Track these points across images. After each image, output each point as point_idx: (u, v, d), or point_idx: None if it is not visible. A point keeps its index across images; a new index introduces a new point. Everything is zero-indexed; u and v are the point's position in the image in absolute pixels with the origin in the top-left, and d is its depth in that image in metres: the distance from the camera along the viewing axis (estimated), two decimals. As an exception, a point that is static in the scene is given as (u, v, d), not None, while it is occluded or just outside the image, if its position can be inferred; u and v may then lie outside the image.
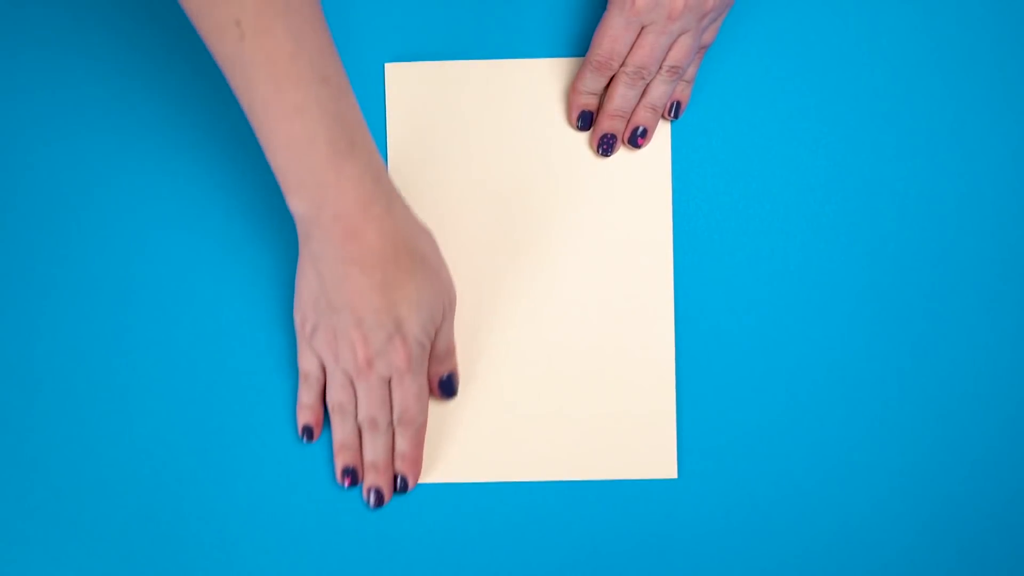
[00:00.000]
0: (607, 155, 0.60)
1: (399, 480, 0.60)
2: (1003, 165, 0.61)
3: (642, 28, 0.55)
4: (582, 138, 0.60)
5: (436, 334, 0.56)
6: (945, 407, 0.61)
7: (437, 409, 0.61)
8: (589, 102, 0.59)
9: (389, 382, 0.56)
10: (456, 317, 0.61)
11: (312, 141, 0.47)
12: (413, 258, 0.52)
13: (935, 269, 0.61)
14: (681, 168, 0.61)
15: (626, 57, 0.57)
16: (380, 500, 0.60)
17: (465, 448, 0.61)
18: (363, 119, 0.50)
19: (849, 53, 0.60)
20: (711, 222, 0.61)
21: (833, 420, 0.61)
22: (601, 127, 0.59)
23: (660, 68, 0.57)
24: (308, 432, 0.60)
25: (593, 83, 0.58)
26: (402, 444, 0.59)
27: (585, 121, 0.60)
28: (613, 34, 0.56)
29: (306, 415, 0.60)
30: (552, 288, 0.61)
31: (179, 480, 0.61)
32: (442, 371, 0.59)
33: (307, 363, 0.58)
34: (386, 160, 0.60)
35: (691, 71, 0.59)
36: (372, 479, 0.60)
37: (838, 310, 0.61)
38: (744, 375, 0.61)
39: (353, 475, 0.60)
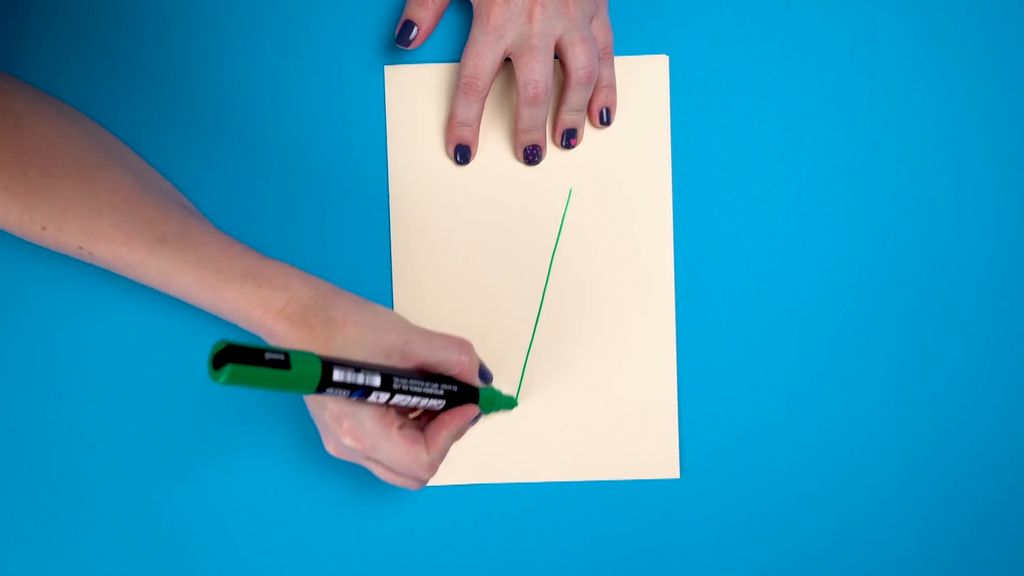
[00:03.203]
0: (534, 163, 0.60)
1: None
2: (1002, 165, 0.61)
3: (519, 50, 0.55)
4: (581, 138, 0.61)
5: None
6: (945, 407, 0.61)
7: (439, 410, 0.61)
8: (465, 135, 0.59)
9: None
10: (456, 318, 0.61)
11: (189, 287, 0.52)
12: (327, 318, 0.51)
13: (935, 269, 0.61)
14: (681, 168, 0.61)
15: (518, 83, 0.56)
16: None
17: (469, 450, 0.61)
18: (217, 236, 0.53)
19: (849, 53, 0.60)
20: (711, 222, 0.61)
21: (834, 420, 0.61)
22: (520, 142, 0.59)
23: (567, 80, 0.56)
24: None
25: (466, 110, 0.57)
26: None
27: (463, 155, 0.59)
28: (475, 52, 0.55)
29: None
30: (553, 289, 0.61)
31: (179, 480, 0.61)
32: None
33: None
34: (386, 160, 0.60)
35: (607, 74, 0.58)
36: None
37: (838, 310, 0.61)
38: (745, 375, 0.61)
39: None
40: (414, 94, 0.60)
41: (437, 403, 0.52)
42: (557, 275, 0.61)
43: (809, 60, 0.60)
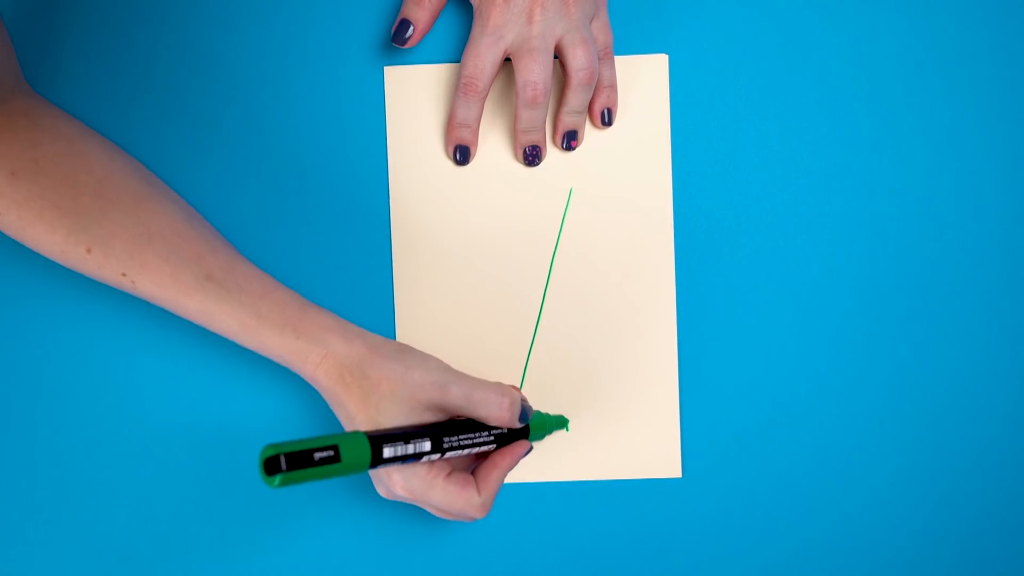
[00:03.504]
0: (534, 165, 0.60)
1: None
2: (1002, 165, 0.61)
3: (519, 50, 0.55)
4: (581, 138, 0.61)
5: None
6: (946, 407, 0.61)
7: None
8: (464, 135, 0.59)
9: None
10: (457, 319, 0.61)
11: (230, 328, 0.52)
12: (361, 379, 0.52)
13: (935, 269, 0.61)
14: (681, 168, 0.61)
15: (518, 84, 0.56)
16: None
17: (468, 450, 0.61)
18: (264, 280, 0.53)
19: (849, 53, 0.60)
20: (711, 222, 0.61)
21: (835, 419, 0.61)
22: (520, 143, 0.59)
23: (568, 81, 0.56)
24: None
25: (465, 110, 0.57)
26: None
27: (463, 156, 0.59)
28: (475, 52, 0.56)
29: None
30: (553, 289, 0.61)
31: (179, 481, 0.61)
32: None
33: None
34: (386, 160, 0.60)
35: (607, 75, 0.58)
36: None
37: (839, 309, 0.61)
38: (747, 375, 0.61)
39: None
40: (414, 94, 0.60)
41: (488, 447, 0.53)
42: (558, 275, 0.61)
43: (809, 60, 0.60)
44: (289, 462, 0.42)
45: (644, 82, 0.60)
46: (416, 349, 0.53)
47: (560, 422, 0.60)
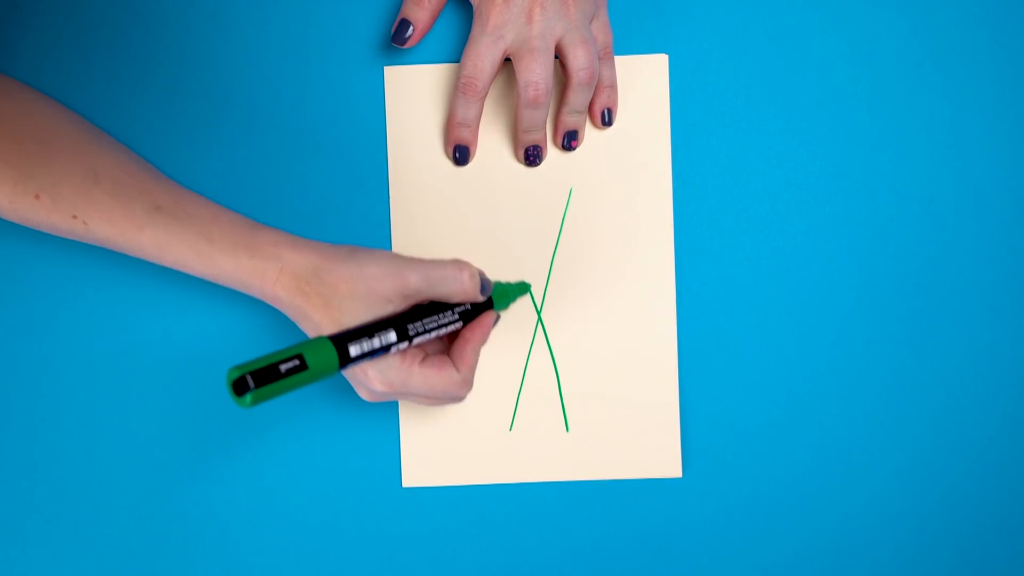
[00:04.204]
0: (535, 165, 0.60)
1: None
2: (1002, 165, 0.61)
3: (520, 51, 0.55)
4: (581, 138, 0.61)
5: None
6: (946, 406, 0.61)
7: (444, 413, 0.61)
8: (464, 135, 0.59)
9: None
10: (457, 319, 0.61)
11: (183, 257, 0.52)
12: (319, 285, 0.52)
13: (935, 268, 0.61)
14: (681, 168, 0.61)
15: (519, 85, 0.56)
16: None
17: (472, 451, 0.61)
18: (207, 206, 0.53)
19: (849, 53, 0.60)
20: (711, 222, 0.61)
21: (836, 418, 0.61)
22: (521, 142, 0.59)
23: (568, 81, 0.56)
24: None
25: (465, 110, 0.58)
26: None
27: (462, 155, 0.59)
28: (475, 52, 0.55)
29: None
30: (553, 289, 0.61)
31: (179, 480, 0.61)
32: None
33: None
34: (386, 160, 0.60)
35: (607, 75, 0.58)
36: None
37: (839, 309, 0.61)
38: (747, 374, 0.61)
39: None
40: (414, 94, 0.60)
41: (456, 326, 0.53)
42: (557, 275, 0.61)
43: (809, 60, 0.60)
44: (256, 379, 0.42)
45: (644, 82, 0.60)
46: (367, 248, 0.53)
47: (522, 287, 0.60)
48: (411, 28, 0.57)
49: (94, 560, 0.61)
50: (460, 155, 0.59)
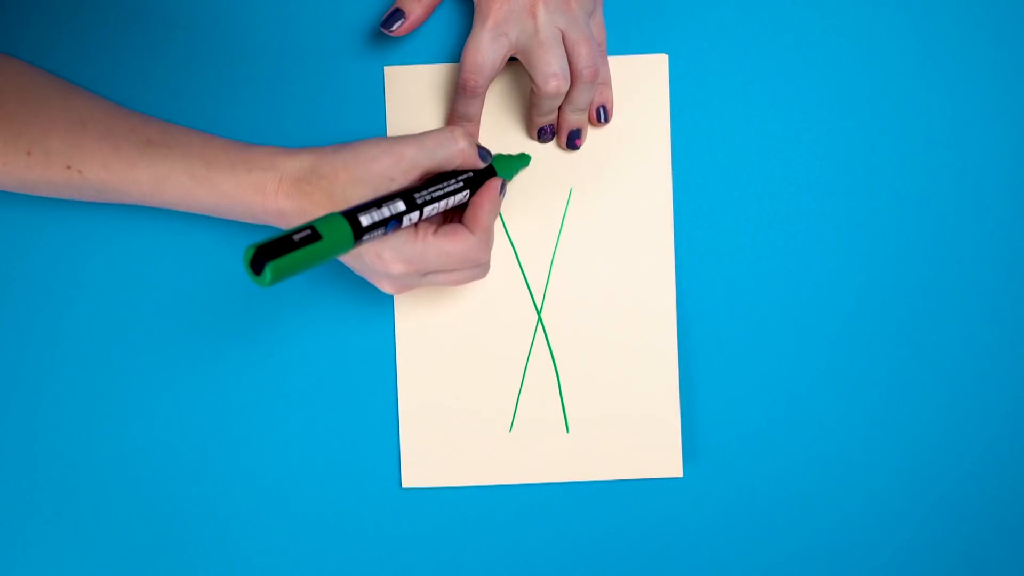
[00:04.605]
0: (548, 141, 0.60)
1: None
2: (1002, 165, 0.61)
3: (529, 46, 0.55)
4: (581, 138, 0.61)
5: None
6: (946, 406, 0.61)
7: (444, 413, 0.61)
8: (466, 128, 0.59)
9: None
10: (458, 320, 0.61)
11: (183, 186, 0.52)
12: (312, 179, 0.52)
13: (935, 268, 0.61)
14: (681, 168, 0.61)
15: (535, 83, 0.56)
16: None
17: (472, 451, 0.61)
18: (203, 139, 0.53)
19: (849, 53, 0.60)
20: (711, 222, 0.61)
21: (836, 418, 0.61)
22: (536, 124, 0.59)
23: (572, 79, 0.56)
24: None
25: (465, 107, 0.58)
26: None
27: None
28: (475, 48, 0.55)
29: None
30: (553, 288, 0.61)
31: (179, 480, 0.61)
32: None
33: None
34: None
35: (603, 71, 0.58)
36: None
37: (839, 309, 0.61)
38: (747, 374, 0.61)
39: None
40: (414, 94, 0.60)
41: (463, 195, 0.53)
42: (557, 275, 0.61)
43: (809, 60, 0.60)
44: (271, 251, 0.42)
45: (644, 82, 0.60)
46: (357, 140, 0.53)
47: (523, 158, 0.59)
48: (402, 19, 0.57)
49: (93, 560, 0.61)
50: None
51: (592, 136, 0.60)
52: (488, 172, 0.55)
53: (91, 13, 0.60)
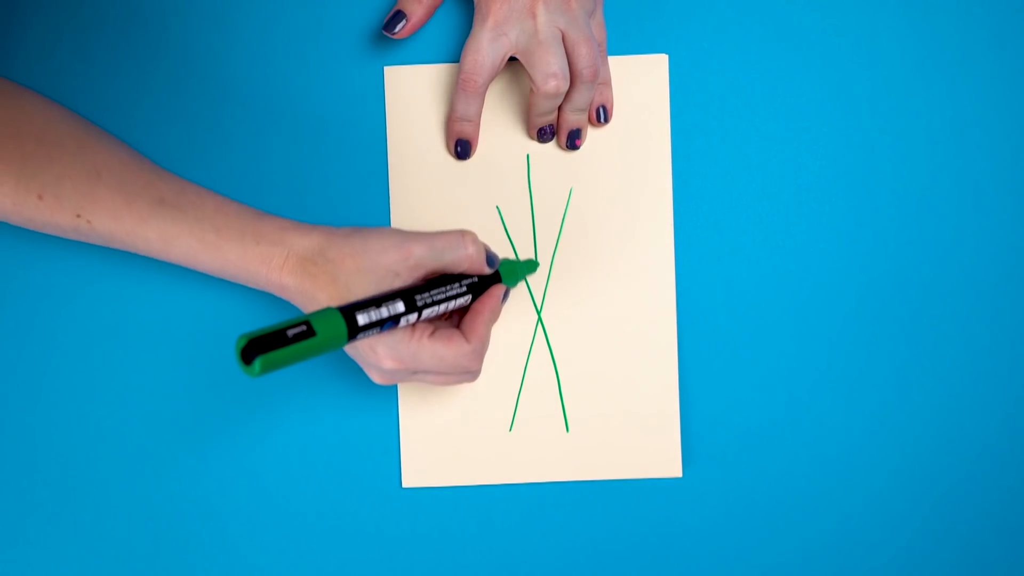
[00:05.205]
0: (548, 141, 0.60)
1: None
2: (1002, 165, 0.61)
3: (529, 46, 0.55)
4: (581, 138, 0.61)
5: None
6: (946, 406, 0.61)
7: (444, 413, 0.61)
8: (465, 130, 0.59)
9: None
10: (457, 319, 0.61)
11: (191, 249, 0.52)
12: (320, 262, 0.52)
13: (935, 268, 0.61)
14: (681, 168, 0.61)
15: (536, 81, 0.55)
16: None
17: (472, 451, 0.61)
18: (213, 199, 0.53)
19: (849, 53, 0.60)
20: (711, 222, 0.61)
21: (836, 418, 0.61)
22: (535, 125, 0.59)
23: (572, 79, 0.56)
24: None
25: (465, 106, 0.58)
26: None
27: (464, 149, 0.59)
28: (475, 48, 0.55)
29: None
30: (553, 289, 0.61)
31: (179, 480, 0.61)
32: None
33: None
34: (386, 160, 0.60)
35: (603, 71, 0.58)
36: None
37: (839, 309, 0.61)
38: (747, 374, 0.61)
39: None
40: (414, 94, 0.60)
41: (464, 299, 0.53)
42: (557, 275, 0.61)
43: (809, 60, 0.60)
44: (264, 344, 0.42)
45: (644, 82, 0.60)
46: (371, 227, 0.53)
47: (530, 265, 0.59)
48: (404, 21, 0.57)
49: (92, 559, 0.61)
50: (461, 149, 0.59)
51: (592, 136, 0.60)
52: (493, 277, 0.55)
53: (91, 13, 0.60)
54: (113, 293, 0.61)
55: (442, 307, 0.51)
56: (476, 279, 0.54)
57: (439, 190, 0.60)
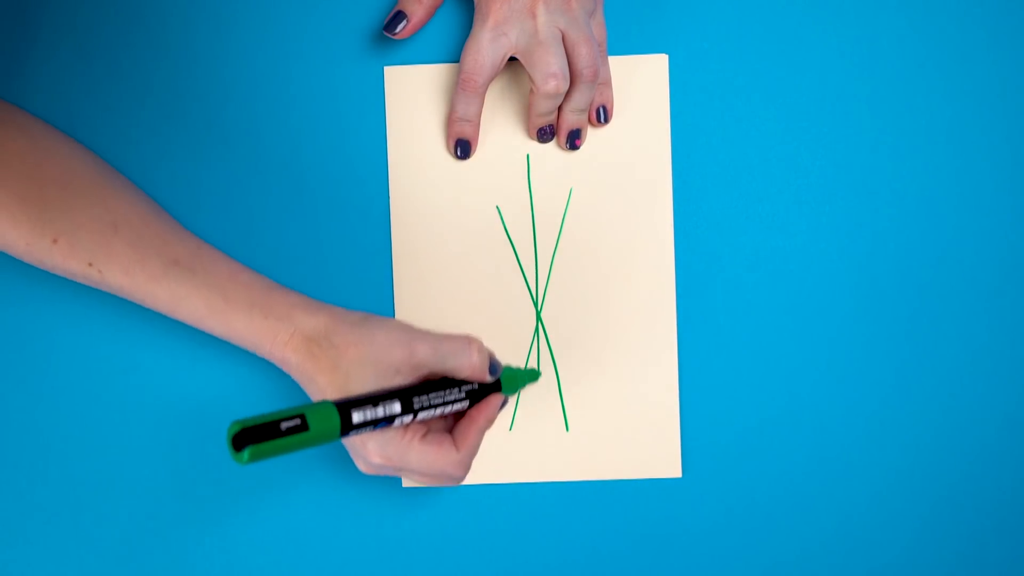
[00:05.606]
0: (547, 141, 0.59)
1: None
2: (1002, 165, 0.61)
3: (529, 46, 0.54)
4: (581, 138, 0.61)
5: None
6: (946, 406, 0.61)
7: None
8: (465, 130, 0.59)
9: None
10: (458, 320, 0.61)
11: (198, 312, 0.52)
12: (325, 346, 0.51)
13: (935, 268, 0.61)
14: (681, 168, 0.61)
15: (536, 80, 0.55)
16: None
17: (468, 450, 0.61)
18: (229, 264, 0.53)
19: (849, 53, 0.60)
20: (711, 222, 0.61)
21: (836, 419, 0.61)
22: (535, 125, 0.59)
23: (572, 79, 0.56)
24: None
25: (465, 106, 0.58)
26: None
27: (464, 150, 0.59)
28: (475, 48, 0.55)
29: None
30: (553, 289, 0.61)
31: (179, 479, 0.61)
32: None
33: None
34: (386, 160, 0.60)
35: (603, 71, 0.58)
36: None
37: (839, 309, 0.61)
38: (747, 374, 0.61)
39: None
40: (414, 94, 0.60)
41: (462, 405, 0.53)
42: (557, 275, 0.61)
43: (809, 60, 0.60)
44: (256, 435, 0.42)
45: (644, 82, 0.60)
46: (380, 316, 0.53)
47: (532, 375, 0.59)
48: (405, 21, 0.57)
49: (93, 559, 0.61)
50: (461, 149, 0.59)
51: (592, 136, 0.60)
52: (494, 385, 0.55)
53: (92, 13, 0.60)
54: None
55: (438, 411, 0.51)
56: (476, 386, 0.53)
57: (439, 190, 0.60)
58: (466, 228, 0.61)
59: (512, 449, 0.61)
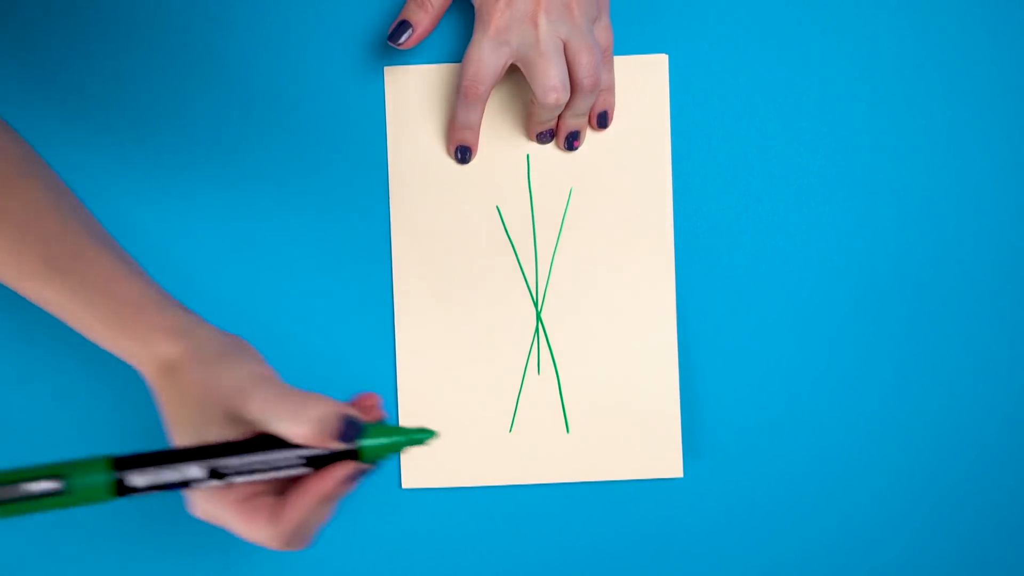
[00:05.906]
0: (547, 143, 0.59)
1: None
2: (1002, 165, 0.61)
3: (529, 56, 0.54)
4: (582, 138, 0.61)
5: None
6: (946, 406, 0.61)
7: (444, 413, 0.61)
8: (466, 137, 0.58)
9: None
10: (457, 320, 0.61)
11: (68, 321, 0.48)
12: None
13: (935, 268, 0.61)
14: (681, 168, 0.61)
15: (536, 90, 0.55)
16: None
17: (472, 452, 0.61)
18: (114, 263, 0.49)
19: (849, 53, 0.60)
20: (711, 222, 0.61)
21: (837, 418, 0.61)
22: (535, 130, 0.58)
23: (573, 88, 0.55)
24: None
25: (466, 114, 0.57)
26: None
27: (464, 155, 0.59)
28: (477, 56, 0.55)
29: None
30: (553, 289, 0.61)
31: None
32: None
33: None
34: (386, 160, 0.60)
35: (606, 77, 0.58)
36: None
37: (839, 309, 0.61)
38: (748, 374, 0.61)
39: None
40: (414, 94, 0.60)
41: (298, 471, 0.45)
42: (557, 275, 0.61)
43: (809, 60, 0.60)
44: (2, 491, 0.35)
45: (644, 82, 0.60)
46: (252, 351, 0.49)
47: (422, 435, 0.47)
48: (410, 31, 0.56)
49: (94, 559, 0.61)
50: (462, 155, 0.59)
51: (592, 137, 0.60)
52: (349, 451, 0.46)
53: (92, 13, 0.60)
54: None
55: (257, 476, 0.44)
56: (324, 450, 0.45)
57: (439, 190, 0.60)
58: (466, 228, 0.60)
59: (512, 451, 0.61)
